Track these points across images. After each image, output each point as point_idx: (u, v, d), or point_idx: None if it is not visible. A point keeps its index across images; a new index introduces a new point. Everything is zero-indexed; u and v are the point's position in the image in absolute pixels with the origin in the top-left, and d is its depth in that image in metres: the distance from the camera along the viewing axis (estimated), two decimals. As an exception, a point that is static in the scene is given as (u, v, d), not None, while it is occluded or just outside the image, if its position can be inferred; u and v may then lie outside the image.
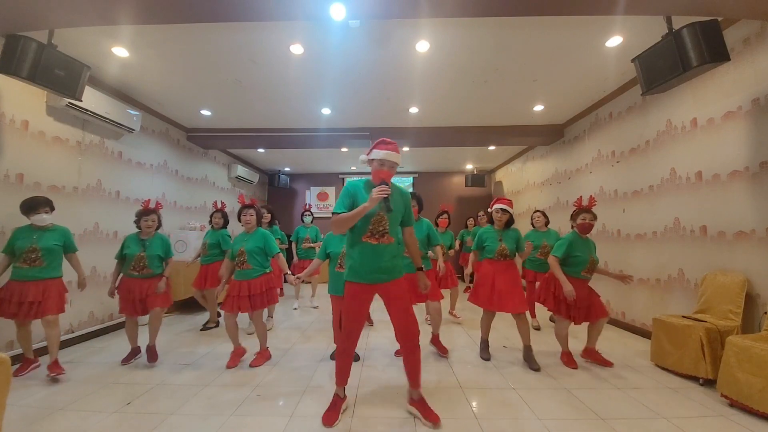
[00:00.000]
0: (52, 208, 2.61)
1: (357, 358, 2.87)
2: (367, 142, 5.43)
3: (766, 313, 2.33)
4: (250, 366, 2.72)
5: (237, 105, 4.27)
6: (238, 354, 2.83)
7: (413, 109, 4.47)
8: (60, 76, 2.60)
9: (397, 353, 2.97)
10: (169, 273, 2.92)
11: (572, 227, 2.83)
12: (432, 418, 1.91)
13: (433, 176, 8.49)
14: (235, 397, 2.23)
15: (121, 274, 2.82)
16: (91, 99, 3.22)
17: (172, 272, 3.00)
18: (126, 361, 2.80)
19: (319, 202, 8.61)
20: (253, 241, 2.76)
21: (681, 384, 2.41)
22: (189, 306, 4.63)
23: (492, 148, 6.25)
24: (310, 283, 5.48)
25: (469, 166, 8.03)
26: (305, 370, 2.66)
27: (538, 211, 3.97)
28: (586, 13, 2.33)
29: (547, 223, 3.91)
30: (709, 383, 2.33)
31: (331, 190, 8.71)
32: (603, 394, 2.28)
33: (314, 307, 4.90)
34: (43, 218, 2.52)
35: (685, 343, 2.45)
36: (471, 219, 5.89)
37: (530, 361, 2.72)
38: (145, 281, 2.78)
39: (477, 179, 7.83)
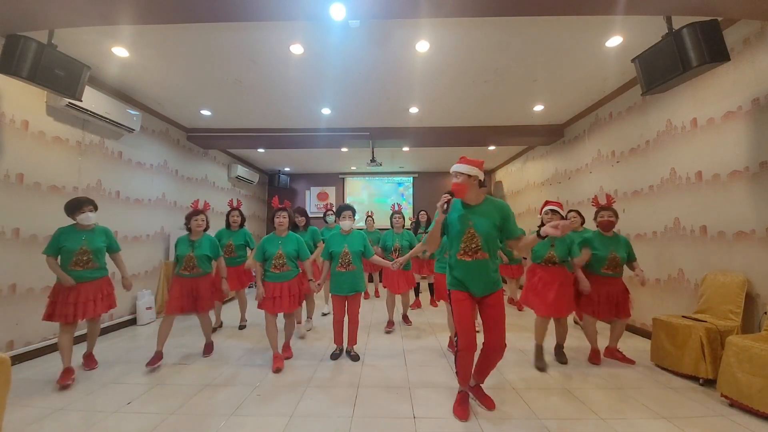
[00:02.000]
0: (96, 207, 2.64)
1: (357, 358, 2.89)
2: (367, 142, 5.42)
3: (766, 313, 2.33)
4: (286, 358, 2.84)
5: (237, 105, 4.26)
6: (281, 358, 2.79)
7: (413, 109, 4.46)
8: (60, 76, 2.59)
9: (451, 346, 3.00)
10: (222, 273, 3.06)
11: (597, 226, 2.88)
12: (488, 403, 2.08)
13: (433, 176, 8.48)
14: (235, 397, 2.23)
15: (173, 275, 2.94)
16: (91, 99, 3.22)
17: (222, 271, 3.10)
18: (151, 364, 2.66)
19: (318, 202, 8.60)
20: (290, 244, 2.82)
21: (681, 384, 2.41)
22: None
23: (492, 148, 6.24)
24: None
25: None
26: (306, 370, 2.67)
27: (572, 210, 3.88)
28: (586, 13, 2.33)
29: (582, 222, 3.79)
30: (709, 383, 2.33)
31: (331, 190, 8.69)
32: (603, 394, 2.28)
33: (324, 314, 4.49)
34: (89, 217, 2.54)
35: (685, 343, 2.45)
36: None
37: (560, 356, 2.85)
38: (194, 280, 2.88)
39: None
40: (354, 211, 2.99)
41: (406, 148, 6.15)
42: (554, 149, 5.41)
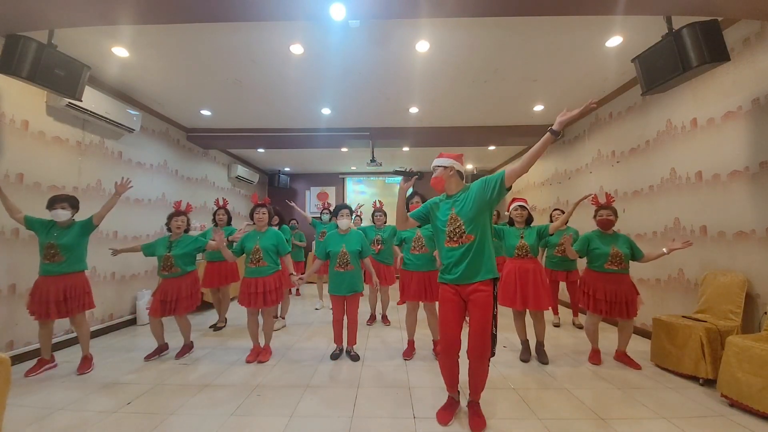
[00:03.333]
0: (73, 206, 2.66)
1: (357, 358, 2.88)
2: (367, 142, 5.43)
3: (766, 313, 2.33)
4: (258, 362, 2.81)
5: (237, 105, 4.27)
6: (257, 352, 2.91)
7: (413, 109, 4.46)
8: (60, 76, 2.60)
9: (435, 351, 2.96)
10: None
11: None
12: (472, 425, 1.88)
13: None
14: (235, 397, 2.23)
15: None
16: (91, 99, 3.22)
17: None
18: (150, 356, 2.90)
19: (318, 202, 8.61)
20: (267, 239, 2.85)
21: (681, 384, 2.41)
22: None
23: (492, 148, 6.23)
24: (315, 283, 5.55)
25: (470, 167, 8.02)
26: (305, 370, 2.67)
27: (557, 209, 4.12)
28: (586, 13, 2.33)
29: (565, 222, 4.00)
30: (709, 383, 2.33)
31: (331, 190, 8.71)
32: (603, 394, 2.28)
33: (316, 309, 4.86)
34: (58, 214, 2.59)
35: (686, 343, 2.45)
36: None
37: (541, 355, 2.84)
38: (173, 281, 2.88)
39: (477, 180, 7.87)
40: (351, 211, 3.00)
41: (406, 148, 6.15)
42: (554, 149, 5.41)
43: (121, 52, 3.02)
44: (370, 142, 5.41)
